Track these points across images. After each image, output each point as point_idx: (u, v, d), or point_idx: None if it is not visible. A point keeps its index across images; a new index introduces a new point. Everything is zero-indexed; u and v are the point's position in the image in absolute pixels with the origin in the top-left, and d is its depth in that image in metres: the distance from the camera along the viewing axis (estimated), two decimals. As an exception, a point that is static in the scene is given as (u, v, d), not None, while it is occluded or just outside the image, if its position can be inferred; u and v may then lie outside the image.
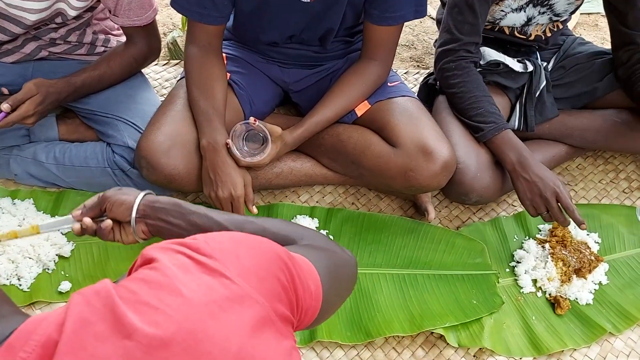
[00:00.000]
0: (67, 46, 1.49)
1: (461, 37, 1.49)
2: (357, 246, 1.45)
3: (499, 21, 1.59)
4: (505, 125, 1.46)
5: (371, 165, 1.40)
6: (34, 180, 1.47)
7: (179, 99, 1.39)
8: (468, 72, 1.51)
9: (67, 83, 1.38)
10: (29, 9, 1.31)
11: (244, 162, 1.30)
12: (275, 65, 1.55)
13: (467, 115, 1.49)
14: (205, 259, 0.62)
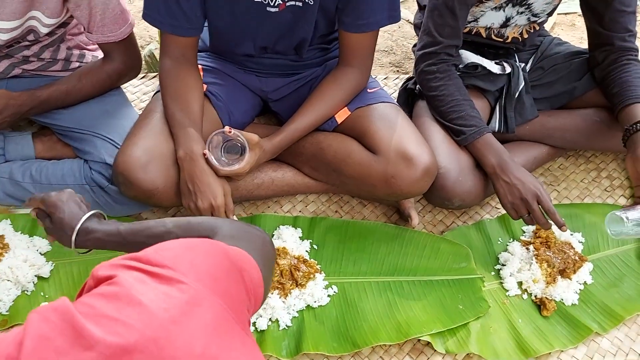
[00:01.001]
0: (40, 63, 1.46)
1: (442, 40, 1.50)
2: (341, 255, 1.44)
3: (478, 20, 1.59)
4: (486, 128, 1.46)
5: (353, 173, 1.39)
6: (10, 200, 1.44)
7: (156, 113, 1.37)
8: (449, 75, 1.51)
9: (30, 96, 1.36)
10: (0, 29, 1.29)
11: (223, 172, 1.28)
12: (252, 75, 1.54)
13: (448, 119, 1.49)
14: (159, 269, 0.64)
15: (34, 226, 1.42)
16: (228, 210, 1.28)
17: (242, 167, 1.29)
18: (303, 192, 1.57)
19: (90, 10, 1.31)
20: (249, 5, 1.30)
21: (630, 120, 1.46)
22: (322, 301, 1.33)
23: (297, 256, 1.39)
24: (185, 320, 0.59)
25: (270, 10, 1.31)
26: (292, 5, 1.31)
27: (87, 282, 0.66)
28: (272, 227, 1.49)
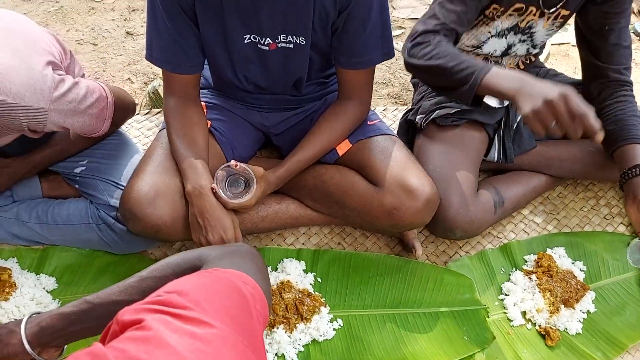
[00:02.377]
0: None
1: (445, 22, 1.40)
2: (345, 287, 1.45)
3: (482, 45, 1.62)
4: (491, 65, 1.31)
5: (355, 205, 1.41)
6: (17, 240, 1.46)
7: (161, 149, 1.40)
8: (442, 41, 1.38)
9: (25, 162, 1.39)
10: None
11: (232, 204, 1.29)
12: (254, 110, 1.57)
13: (449, 71, 1.32)
14: (182, 310, 0.66)
15: (41, 264, 1.44)
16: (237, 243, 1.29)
17: (250, 200, 1.31)
18: (306, 225, 1.59)
19: (69, 128, 1.31)
20: (241, 44, 1.33)
21: (627, 161, 1.47)
22: (327, 335, 1.34)
23: (301, 290, 1.40)
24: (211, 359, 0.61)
25: (262, 48, 1.34)
26: (283, 46, 1.34)
27: (112, 327, 0.67)
28: (276, 260, 1.50)
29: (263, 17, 1.27)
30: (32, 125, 1.19)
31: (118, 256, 1.47)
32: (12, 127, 1.18)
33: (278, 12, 1.27)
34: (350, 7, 1.28)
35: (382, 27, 1.34)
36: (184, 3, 1.26)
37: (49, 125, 1.21)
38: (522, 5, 1.50)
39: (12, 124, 1.16)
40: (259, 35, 1.31)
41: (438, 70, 1.35)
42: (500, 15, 1.52)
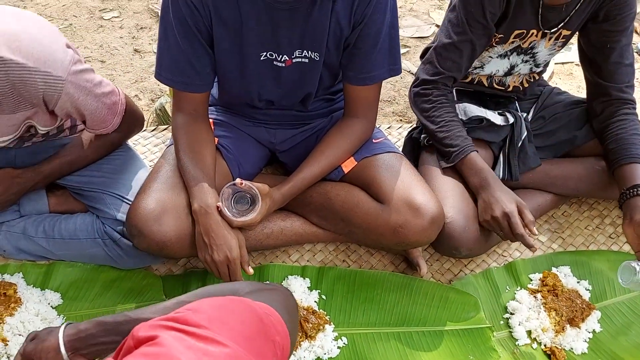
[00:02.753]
0: (47, 134, 1.50)
1: (443, 71, 1.55)
2: (350, 305, 1.45)
3: (484, 67, 1.64)
4: (471, 148, 1.51)
5: (360, 223, 1.41)
6: (24, 255, 1.46)
7: (168, 166, 1.40)
8: (442, 99, 1.56)
9: (34, 172, 1.40)
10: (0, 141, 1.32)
11: (237, 222, 1.29)
12: (261, 127, 1.58)
13: (437, 139, 1.55)
14: (196, 329, 0.66)
15: (46, 279, 1.44)
16: (243, 262, 1.29)
17: (255, 218, 1.31)
18: (311, 241, 1.59)
19: (80, 116, 1.33)
20: (257, 61, 1.35)
21: (626, 181, 1.47)
22: (332, 353, 1.33)
23: (306, 307, 1.40)
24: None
25: (278, 65, 1.36)
26: (298, 62, 1.36)
27: (127, 342, 0.68)
28: (281, 277, 1.50)
29: (281, 35, 1.29)
30: (47, 95, 1.21)
31: (123, 271, 1.47)
32: (28, 97, 1.20)
33: (296, 30, 1.29)
34: (363, 23, 1.30)
35: (390, 43, 1.36)
36: (200, 23, 1.27)
37: (63, 99, 1.23)
38: (522, 30, 1.52)
39: (28, 91, 1.19)
40: (276, 52, 1.33)
41: (429, 132, 1.58)
42: (502, 42, 1.54)
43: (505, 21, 1.49)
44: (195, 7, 1.25)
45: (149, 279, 1.47)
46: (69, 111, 1.28)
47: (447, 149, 1.53)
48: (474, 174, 1.49)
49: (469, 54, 1.53)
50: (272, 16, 1.26)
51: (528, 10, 1.48)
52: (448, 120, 1.54)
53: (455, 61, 1.53)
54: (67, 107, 1.27)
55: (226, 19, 1.27)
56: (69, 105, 1.26)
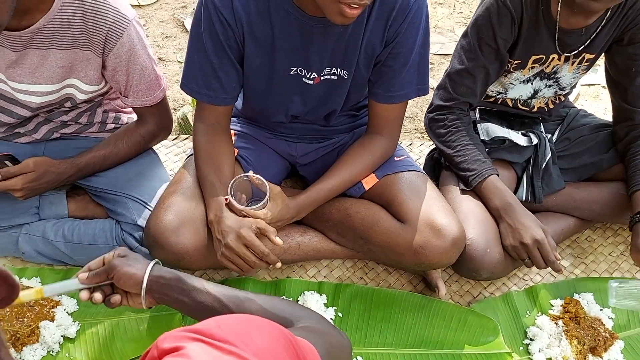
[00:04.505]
0: (78, 126, 1.52)
1: (457, 96, 1.55)
2: (366, 324, 1.42)
3: (507, 92, 1.62)
4: (490, 171, 1.49)
5: (379, 241, 1.39)
6: (42, 258, 1.47)
7: (188, 177, 1.40)
8: (457, 123, 1.55)
9: (70, 164, 1.41)
10: (35, 92, 1.35)
11: (244, 210, 1.27)
12: (282, 140, 1.58)
13: (454, 164, 1.53)
14: (221, 343, 0.65)
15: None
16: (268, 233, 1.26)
17: (264, 212, 1.29)
18: (328, 257, 1.57)
19: (127, 76, 1.37)
20: (286, 77, 1.34)
21: (636, 206, 1.47)
22: (347, 372, 1.31)
23: (322, 324, 1.38)
24: None
25: (307, 82, 1.35)
26: (326, 79, 1.35)
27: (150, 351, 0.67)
28: (297, 292, 1.49)
29: (313, 52, 1.29)
30: (110, 33, 1.29)
31: (139, 280, 1.47)
32: (92, 32, 1.28)
33: (328, 47, 1.29)
34: (395, 41, 1.29)
35: (420, 62, 1.35)
36: (231, 39, 1.28)
37: (123, 40, 1.30)
38: (540, 55, 1.50)
39: (95, 24, 1.27)
40: (306, 69, 1.33)
41: (446, 157, 1.57)
42: (520, 68, 1.53)
43: (518, 47, 1.48)
44: (228, 24, 1.25)
45: (165, 289, 1.46)
46: (121, 63, 1.33)
47: (464, 173, 1.51)
48: (493, 197, 1.47)
49: (483, 79, 1.52)
50: (305, 34, 1.26)
51: (544, 35, 1.46)
52: (464, 145, 1.53)
53: (469, 87, 1.53)
54: (122, 55, 1.32)
55: (259, 35, 1.27)
56: (124, 53, 1.32)
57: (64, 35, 1.28)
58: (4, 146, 1.48)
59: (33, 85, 1.33)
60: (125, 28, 1.30)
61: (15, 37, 1.25)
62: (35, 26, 1.25)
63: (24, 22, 1.24)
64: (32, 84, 1.33)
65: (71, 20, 1.26)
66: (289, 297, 1.47)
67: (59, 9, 1.25)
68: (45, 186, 1.38)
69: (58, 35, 1.28)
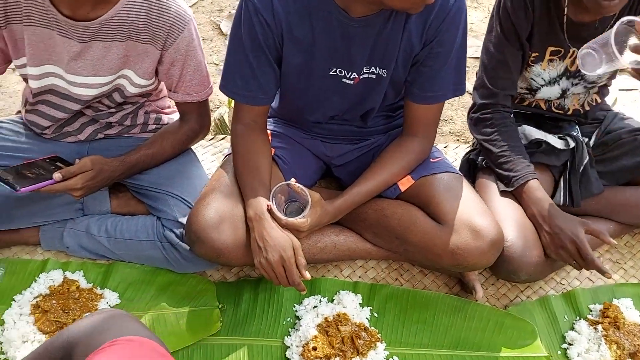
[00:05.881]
0: (121, 128, 1.56)
1: (497, 91, 1.54)
2: (402, 325, 1.43)
3: (535, 93, 1.61)
4: (531, 175, 1.48)
5: (416, 242, 1.40)
6: (85, 253, 1.51)
7: (227, 175, 1.43)
8: (504, 122, 1.55)
9: (121, 162, 1.44)
10: (92, 84, 1.39)
11: (285, 221, 1.29)
12: (318, 140, 1.59)
13: (497, 163, 1.53)
14: None
15: (105, 279, 1.48)
16: (300, 265, 1.28)
17: (304, 222, 1.31)
18: (364, 258, 1.58)
19: (182, 71, 1.41)
20: (325, 77, 1.36)
21: None
22: (383, 371, 1.31)
23: (358, 323, 1.39)
24: None
25: (346, 82, 1.36)
26: (365, 77, 1.36)
27: None
28: (332, 292, 1.50)
29: (353, 51, 1.30)
30: (173, 29, 1.35)
31: (178, 276, 1.50)
32: (155, 27, 1.34)
33: (367, 46, 1.30)
34: (435, 41, 1.30)
35: (458, 63, 1.35)
36: (270, 40, 1.30)
37: (184, 35, 1.37)
38: (558, 48, 1.49)
39: (159, 19, 1.33)
40: (346, 69, 1.34)
41: (491, 157, 1.56)
42: (539, 61, 1.51)
43: (534, 37, 1.48)
44: (267, 24, 1.27)
45: (203, 285, 1.49)
46: (179, 57, 1.39)
47: (507, 173, 1.50)
48: (532, 202, 1.46)
49: (516, 67, 1.52)
50: (345, 33, 1.28)
51: (557, 26, 1.45)
52: (512, 145, 1.52)
53: (506, 77, 1.52)
54: (182, 49, 1.37)
55: (298, 36, 1.29)
56: (183, 47, 1.38)
57: (128, 27, 1.33)
58: (50, 145, 1.52)
59: (92, 78, 1.38)
60: (187, 23, 1.36)
61: (83, 27, 1.30)
62: (104, 17, 1.30)
63: (93, 13, 1.29)
64: (91, 76, 1.38)
65: (136, 13, 1.31)
66: (324, 296, 1.49)
67: (127, 2, 1.29)
68: (100, 184, 1.41)
69: (123, 27, 1.33)
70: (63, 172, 1.34)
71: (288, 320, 1.43)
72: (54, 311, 1.34)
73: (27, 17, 1.29)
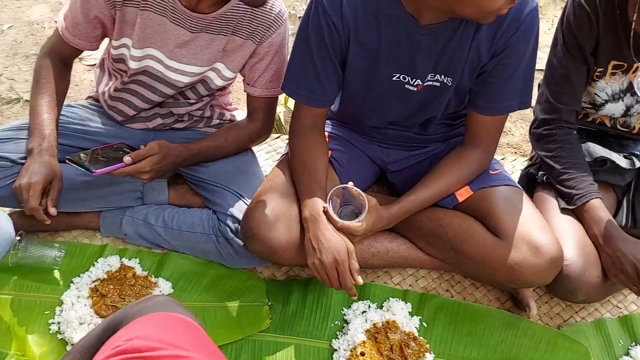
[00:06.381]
0: (188, 122, 1.59)
1: (560, 106, 1.51)
2: (451, 337, 1.41)
3: (599, 109, 1.56)
4: (594, 194, 1.43)
5: (473, 254, 1.37)
6: (142, 241, 1.54)
7: (283, 175, 1.44)
8: (568, 138, 1.51)
9: (186, 148, 1.47)
10: (188, 72, 1.44)
11: (341, 224, 1.29)
12: (375, 144, 1.58)
13: (559, 180, 1.49)
14: (152, 352, 0.64)
15: (159, 268, 1.51)
16: (353, 269, 1.28)
17: (359, 226, 1.30)
18: (415, 266, 1.57)
19: (267, 65, 1.45)
20: (388, 82, 1.35)
21: None
22: (431, 382, 1.30)
23: (407, 332, 1.38)
24: None
25: (409, 88, 1.35)
26: (429, 85, 1.35)
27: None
28: (382, 298, 1.49)
29: (418, 58, 1.30)
30: (273, 23, 1.40)
31: (229, 270, 1.52)
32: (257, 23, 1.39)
33: (434, 54, 1.29)
34: (504, 52, 1.28)
35: (526, 75, 1.33)
36: (336, 42, 1.30)
37: (280, 31, 1.41)
38: (621, 62, 1.44)
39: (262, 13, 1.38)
40: (410, 76, 1.33)
41: (551, 171, 1.52)
42: (602, 76, 1.47)
43: (599, 51, 1.43)
44: (334, 27, 1.28)
45: (253, 281, 1.50)
46: (270, 52, 1.44)
47: (570, 190, 1.46)
48: (594, 222, 1.41)
49: (580, 82, 1.48)
50: (413, 40, 1.27)
51: (622, 40, 1.40)
52: (575, 163, 1.49)
53: (569, 93, 1.49)
54: (275, 44, 1.43)
55: (364, 40, 1.29)
56: (277, 42, 1.43)
57: (235, 23, 1.38)
58: (117, 130, 1.56)
59: (190, 66, 1.43)
60: (284, 20, 1.42)
61: (198, 19, 1.35)
62: (219, 12, 1.35)
63: (210, 8, 1.35)
64: (190, 65, 1.43)
65: (244, 10, 1.36)
66: (374, 301, 1.48)
67: None
68: (166, 168, 1.44)
69: (230, 22, 1.38)
70: (133, 155, 1.37)
71: (336, 323, 1.43)
72: (110, 296, 1.38)
73: (144, 1, 1.35)
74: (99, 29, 1.43)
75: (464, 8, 1.14)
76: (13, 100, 2.25)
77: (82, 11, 1.39)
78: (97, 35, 1.45)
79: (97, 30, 1.43)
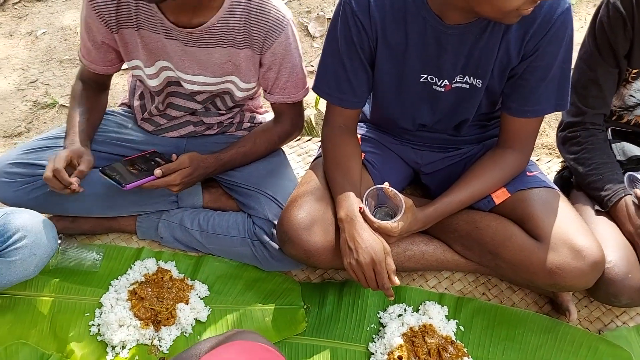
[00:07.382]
0: (219, 128, 1.61)
1: (586, 109, 1.49)
2: (489, 341, 1.39)
3: (633, 109, 1.53)
4: (623, 192, 1.41)
5: (511, 258, 1.35)
6: (177, 244, 1.56)
7: (317, 178, 1.43)
8: (592, 140, 1.49)
9: (216, 159, 1.48)
10: (198, 82, 1.44)
11: (378, 224, 1.28)
12: (408, 147, 1.57)
13: (586, 183, 1.47)
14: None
15: (195, 270, 1.52)
16: (389, 270, 1.27)
17: (395, 227, 1.29)
18: (451, 269, 1.55)
19: (277, 74, 1.43)
20: (416, 83, 1.34)
21: None
22: (470, 387, 1.29)
23: (444, 336, 1.37)
24: None
25: (437, 89, 1.34)
26: (458, 87, 1.34)
27: None
28: (417, 301, 1.48)
29: (445, 59, 1.28)
30: (271, 33, 1.36)
31: (264, 273, 1.52)
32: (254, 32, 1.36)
33: (462, 55, 1.27)
34: (535, 55, 1.25)
35: (561, 78, 1.30)
36: (365, 43, 1.30)
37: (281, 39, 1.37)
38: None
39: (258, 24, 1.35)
40: (437, 77, 1.32)
41: (579, 176, 1.51)
42: (638, 77, 1.44)
43: (635, 52, 1.40)
44: (363, 27, 1.28)
45: (289, 284, 1.51)
46: (275, 61, 1.41)
47: (598, 192, 1.44)
48: (627, 219, 1.39)
49: (610, 86, 1.45)
50: (440, 41, 1.26)
51: None
52: (600, 163, 1.46)
53: (597, 96, 1.46)
54: (278, 53, 1.39)
55: (391, 41, 1.29)
56: (279, 51, 1.39)
57: (229, 33, 1.36)
58: (150, 138, 1.59)
59: (198, 77, 1.43)
60: (284, 27, 1.37)
61: (187, 33, 1.35)
62: (206, 24, 1.33)
63: (195, 20, 1.33)
64: (198, 75, 1.43)
65: (237, 19, 1.34)
66: (410, 305, 1.47)
67: (229, 7, 1.33)
68: (196, 180, 1.46)
69: (224, 34, 1.36)
70: (163, 168, 1.39)
71: (372, 326, 1.42)
72: (149, 298, 1.39)
73: (137, 21, 1.35)
74: (111, 53, 1.45)
75: (482, 6, 1.13)
76: (49, 105, 2.30)
77: (89, 38, 1.42)
78: (112, 59, 1.47)
79: (109, 55, 1.45)
